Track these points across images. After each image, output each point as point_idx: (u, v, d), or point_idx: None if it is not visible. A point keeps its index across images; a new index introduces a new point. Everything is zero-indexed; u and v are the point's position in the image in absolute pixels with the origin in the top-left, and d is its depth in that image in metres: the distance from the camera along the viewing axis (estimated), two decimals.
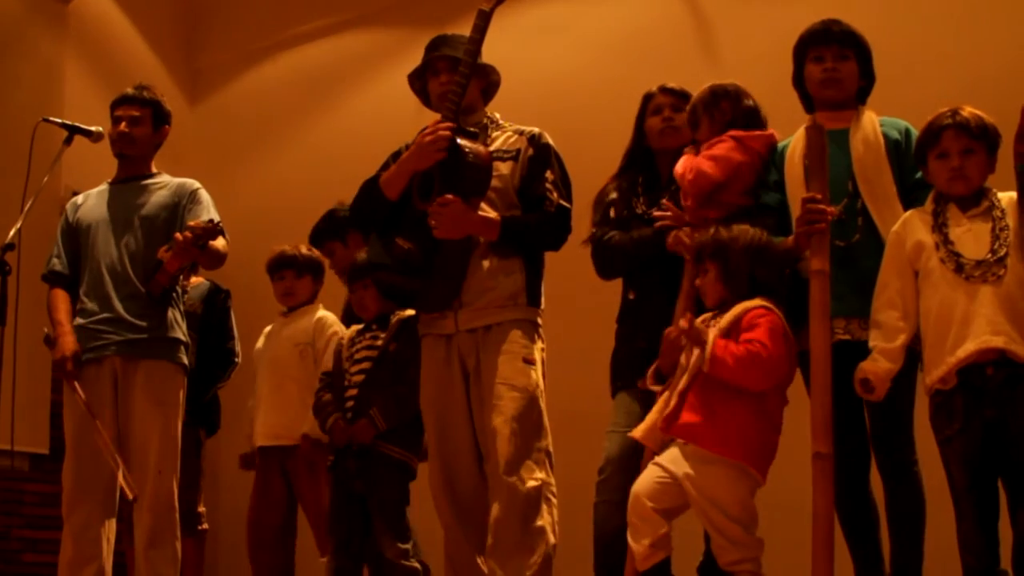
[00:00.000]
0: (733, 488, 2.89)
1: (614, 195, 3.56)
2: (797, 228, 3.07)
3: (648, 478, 2.98)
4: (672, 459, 2.95)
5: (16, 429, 3.71)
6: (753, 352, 2.87)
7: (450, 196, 3.37)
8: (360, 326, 3.99)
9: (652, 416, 3.07)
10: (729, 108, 3.33)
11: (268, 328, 4.57)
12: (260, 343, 4.54)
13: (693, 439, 2.89)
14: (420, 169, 3.46)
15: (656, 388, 3.12)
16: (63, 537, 3.88)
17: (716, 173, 3.21)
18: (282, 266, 4.52)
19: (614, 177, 3.63)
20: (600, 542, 3.38)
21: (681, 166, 3.30)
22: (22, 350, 3.74)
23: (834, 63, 3.24)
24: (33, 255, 4.06)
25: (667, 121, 3.53)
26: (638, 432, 3.10)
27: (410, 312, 3.80)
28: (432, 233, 3.38)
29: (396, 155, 3.60)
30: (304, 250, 4.55)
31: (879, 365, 2.94)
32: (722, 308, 3.04)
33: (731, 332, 2.95)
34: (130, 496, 3.71)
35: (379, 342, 3.83)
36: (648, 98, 3.61)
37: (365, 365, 3.82)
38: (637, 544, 2.94)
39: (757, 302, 2.99)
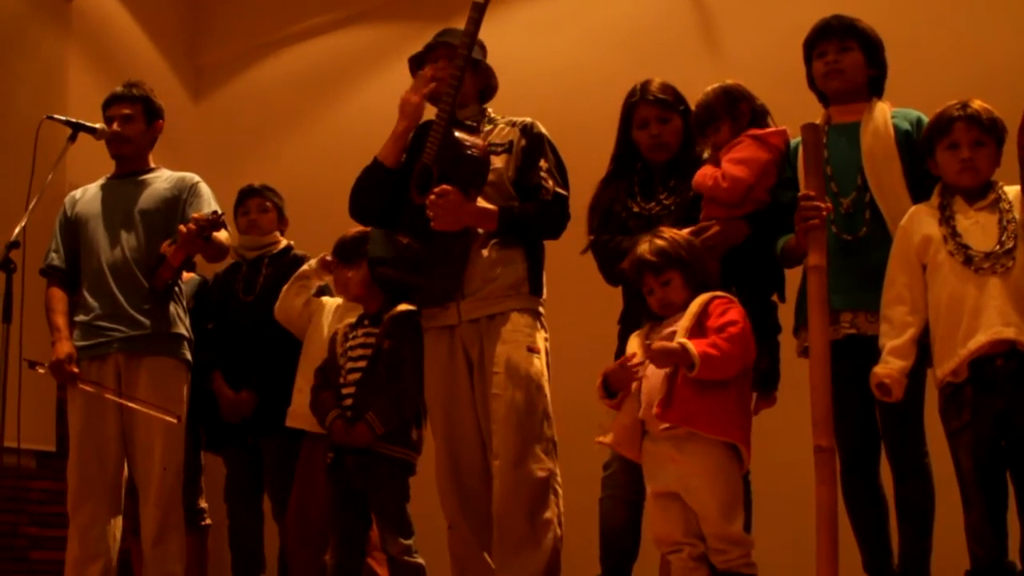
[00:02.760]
0: (726, 466, 2.87)
1: (607, 202, 3.49)
2: (796, 225, 3.08)
3: (659, 517, 2.96)
4: (665, 480, 2.94)
5: (23, 426, 3.69)
6: (733, 334, 2.85)
7: (447, 187, 3.37)
8: (352, 318, 3.95)
9: (620, 419, 3.01)
10: (747, 109, 3.32)
11: (329, 305, 4.24)
12: (323, 320, 4.23)
13: (690, 422, 2.85)
14: (410, 126, 3.51)
15: (608, 402, 3.03)
16: (69, 534, 3.89)
17: (748, 176, 3.19)
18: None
19: (604, 183, 3.54)
20: (606, 536, 3.39)
21: (705, 177, 3.24)
22: (28, 347, 3.74)
23: (836, 55, 3.26)
24: (38, 253, 4.06)
25: (655, 138, 3.41)
26: (607, 439, 3.05)
27: (403, 307, 3.78)
28: (430, 225, 3.38)
29: None
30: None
31: (891, 366, 2.93)
32: (666, 315, 3.01)
33: (695, 326, 2.91)
34: (172, 419, 3.77)
35: (373, 339, 3.80)
36: (631, 107, 3.46)
37: (361, 364, 3.79)
38: (678, 559, 2.93)
39: (712, 294, 2.98)
